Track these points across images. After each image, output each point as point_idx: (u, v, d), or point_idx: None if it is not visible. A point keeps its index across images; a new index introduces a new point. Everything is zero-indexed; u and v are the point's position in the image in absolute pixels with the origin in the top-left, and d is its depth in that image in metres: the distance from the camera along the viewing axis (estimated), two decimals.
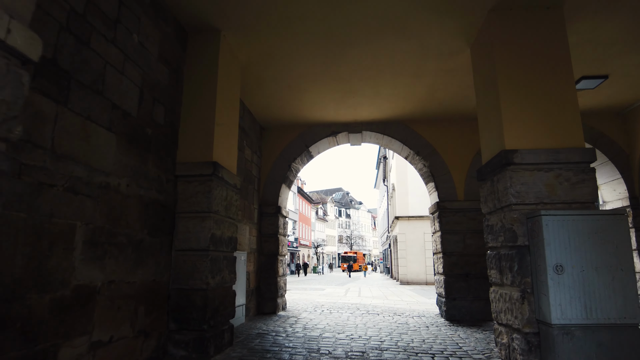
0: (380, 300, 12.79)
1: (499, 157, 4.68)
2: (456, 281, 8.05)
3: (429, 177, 8.85)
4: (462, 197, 8.51)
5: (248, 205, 8.09)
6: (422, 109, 8.34)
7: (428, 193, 9.47)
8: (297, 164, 9.36)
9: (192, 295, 4.72)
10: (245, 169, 7.98)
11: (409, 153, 9.13)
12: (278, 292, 8.55)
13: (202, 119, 5.20)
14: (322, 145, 9.51)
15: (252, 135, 8.57)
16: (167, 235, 4.84)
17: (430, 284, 22.50)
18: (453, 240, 8.22)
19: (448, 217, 8.34)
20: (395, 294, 15.45)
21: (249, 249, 8.01)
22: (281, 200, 9.15)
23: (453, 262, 8.13)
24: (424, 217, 23.52)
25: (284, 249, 9.08)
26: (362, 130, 9.04)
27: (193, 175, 5.00)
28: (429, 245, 23.18)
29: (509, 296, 4.58)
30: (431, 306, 10.88)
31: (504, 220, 4.66)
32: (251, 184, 8.36)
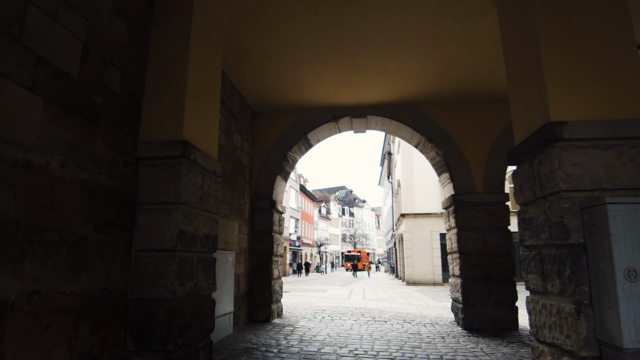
0: (387, 303, 11.80)
1: (542, 132, 3.67)
2: (475, 285, 7.04)
3: (443, 166, 7.84)
4: (480, 189, 7.50)
5: (237, 198, 7.12)
6: (436, 88, 7.33)
7: (441, 185, 8.46)
8: (294, 153, 8.38)
9: (155, 307, 3.76)
10: (234, 158, 7.01)
11: (420, 140, 8.12)
12: (272, 297, 7.58)
13: (171, 88, 4.23)
14: (322, 133, 8.52)
15: (243, 120, 7.59)
16: (125, 231, 3.88)
17: (439, 284, 21.48)
18: (471, 238, 7.21)
19: (465, 212, 7.33)
20: (403, 296, 14.45)
21: (239, 249, 7.04)
22: (276, 194, 8.18)
23: (471, 263, 7.13)
24: (431, 215, 22.50)
25: (279, 249, 8.11)
26: (367, 115, 8.04)
27: (158, 158, 4.03)
28: (436, 244, 22.16)
29: (556, 308, 3.58)
30: (443, 311, 9.88)
31: (550, 211, 3.65)
32: (241, 175, 7.39)
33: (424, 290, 18.07)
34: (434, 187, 22.88)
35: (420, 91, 7.44)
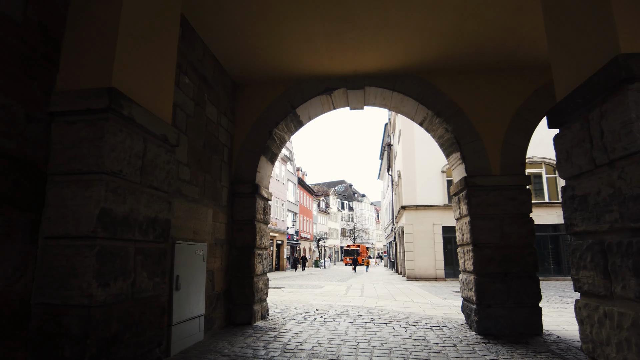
0: (387, 301, 10.77)
1: (608, 72, 2.59)
2: (491, 282, 5.99)
3: (453, 145, 6.76)
4: (497, 171, 6.42)
5: (212, 181, 6.05)
6: (445, 52, 6.24)
7: (450, 167, 7.37)
8: (282, 131, 7.29)
9: (65, 316, 2.69)
10: (207, 133, 5.93)
11: (426, 115, 7.03)
12: (255, 297, 6.52)
13: (99, 21, 3.14)
14: (314, 108, 7.42)
15: (220, 91, 6.49)
16: (28, 212, 2.81)
17: (441, 279, 20.49)
18: (487, 228, 6.15)
19: (479, 197, 6.26)
20: (404, 293, 13.43)
21: (213, 240, 5.98)
22: (260, 177, 7.10)
23: (487, 256, 6.07)
24: (433, 207, 21.46)
25: (264, 240, 7.05)
26: (365, 86, 6.94)
27: (77, 112, 2.95)
28: (438, 238, 21.14)
29: (631, 320, 2.53)
30: (450, 310, 8.85)
31: (621, 181, 2.58)
32: (217, 154, 6.31)
33: (426, 286, 17.07)
34: (436, 178, 21.83)
35: (427, 56, 6.34)
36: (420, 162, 22.13)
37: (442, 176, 21.83)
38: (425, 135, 23.06)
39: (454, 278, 20.71)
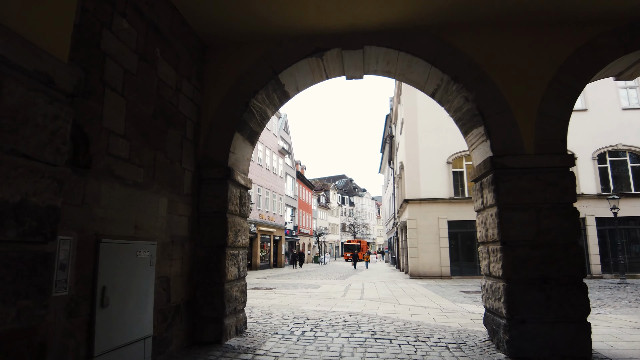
0: (390, 305, 9.46)
1: None
2: (526, 290, 4.67)
3: (474, 118, 5.40)
4: (531, 149, 5.07)
5: (167, 162, 4.71)
6: (465, 1, 4.88)
7: (468, 147, 6.01)
8: (262, 103, 5.94)
9: None
10: (159, 98, 4.58)
11: (440, 82, 5.67)
12: (226, 308, 5.20)
13: None
14: (302, 75, 6.06)
15: (180, 47, 5.13)
16: None
17: (447, 278, 19.20)
18: (519, 221, 4.82)
19: (510, 183, 4.92)
20: (408, 294, 12.13)
21: (168, 237, 4.64)
22: (235, 160, 5.75)
23: (520, 257, 4.74)
24: (438, 200, 20.13)
25: (240, 238, 5.72)
26: (364, 45, 5.56)
27: None
28: (444, 233, 19.83)
29: None
30: (464, 319, 7.54)
31: None
32: (175, 128, 4.96)
33: (431, 285, 15.78)
34: (441, 169, 20.48)
35: (442, 5, 4.97)
36: (424, 153, 20.78)
37: (448, 168, 20.49)
38: (430, 124, 21.71)
39: (460, 276, 19.43)
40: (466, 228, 20.35)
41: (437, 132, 20.87)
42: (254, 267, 31.37)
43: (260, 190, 33.49)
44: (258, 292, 12.25)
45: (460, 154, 20.57)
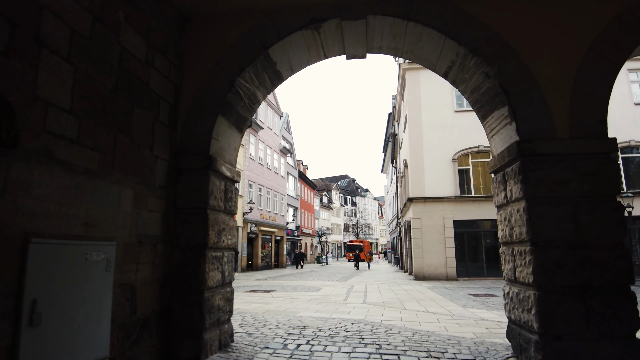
0: (396, 311, 8.68)
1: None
2: (562, 300, 3.90)
3: (497, 97, 4.62)
4: (565, 133, 4.29)
5: (134, 147, 3.96)
6: None
7: (487, 133, 5.23)
8: (250, 83, 5.18)
9: None
10: (121, 69, 3.82)
11: (455, 57, 4.90)
12: (207, 319, 4.45)
13: None
14: (296, 51, 5.30)
15: (153, 15, 4.38)
16: None
17: (452, 279, 18.40)
18: (553, 218, 4.05)
19: (541, 172, 4.15)
20: (415, 298, 11.35)
21: (134, 237, 3.89)
22: (219, 148, 5.00)
23: (554, 260, 3.97)
24: (443, 199, 19.33)
25: (224, 237, 4.96)
26: (368, 15, 4.80)
27: None
28: (449, 233, 19.02)
29: None
30: (479, 327, 6.76)
31: None
32: (145, 108, 4.20)
33: (437, 287, 14.98)
34: (446, 167, 19.68)
35: None
36: (429, 150, 19.98)
37: (453, 165, 19.68)
38: (434, 121, 20.89)
39: (466, 278, 18.64)
40: (472, 228, 19.56)
41: (442, 129, 20.08)
42: (254, 268, 30.65)
43: (262, 189, 32.78)
44: (254, 296, 11.50)
45: (466, 150, 19.77)
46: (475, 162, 19.97)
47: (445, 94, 20.45)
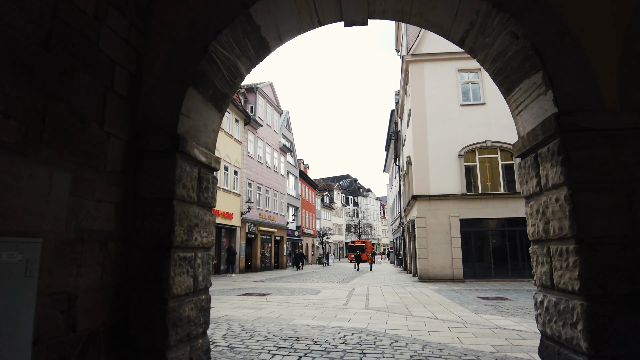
0: (401, 318, 7.85)
1: None
2: (617, 312, 3.06)
3: (527, 62, 3.78)
4: (615, 103, 3.45)
5: (74, 120, 3.13)
6: None
7: (512, 110, 4.37)
8: (229, 50, 4.35)
9: None
10: (59, 22, 3.01)
11: (476, 15, 4.05)
12: (171, 335, 3.62)
13: None
14: (285, 15, 4.47)
15: None
16: None
17: (459, 281, 17.54)
18: (603, 208, 3.21)
19: (588, 150, 3.31)
20: (420, 302, 10.51)
21: (71, 232, 3.06)
22: (190, 126, 4.17)
23: (606, 262, 3.13)
24: (449, 197, 18.48)
25: (197, 235, 4.13)
26: None
27: None
28: (456, 232, 18.17)
29: None
30: (496, 338, 5.92)
31: None
32: (93, 74, 3.38)
33: (444, 289, 14.13)
34: (452, 163, 18.82)
35: None
36: (434, 146, 19.14)
37: (459, 162, 18.82)
38: (439, 115, 19.96)
39: (473, 279, 17.78)
40: (479, 227, 18.70)
41: (448, 123, 19.23)
42: (253, 269, 29.85)
43: (261, 188, 31.99)
44: (247, 300, 10.67)
45: (473, 146, 18.92)
46: (482, 159, 19.11)
47: (451, 87, 19.62)
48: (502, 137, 18.79)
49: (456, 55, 19.71)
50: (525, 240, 18.15)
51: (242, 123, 28.83)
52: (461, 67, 19.85)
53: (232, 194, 26.43)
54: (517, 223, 18.36)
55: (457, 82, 19.75)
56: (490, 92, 19.38)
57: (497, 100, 19.21)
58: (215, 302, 10.15)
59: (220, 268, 24.92)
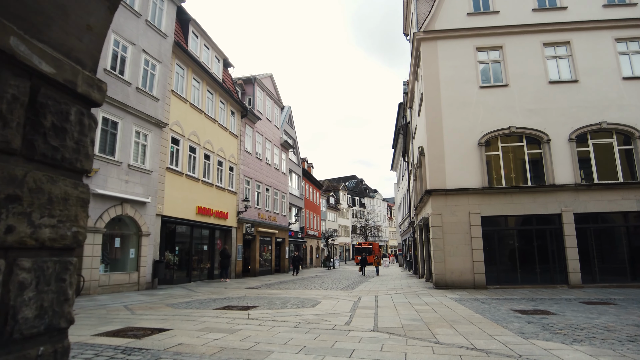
0: (426, 348, 5.60)
1: None
2: None
3: None
4: None
5: None
6: None
7: None
8: None
9: None
10: None
11: None
12: None
13: None
14: None
15: None
16: None
17: (481, 287, 15.21)
18: None
19: None
20: (444, 317, 8.26)
21: None
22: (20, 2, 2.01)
23: None
24: (469, 192, 16.16)
25: (38, 221, 1.98)
26: None
27: None
28: (477, 232, 15.84)
29: None
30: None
31: None
32: None
33: (467, 299, 11.83)
34: (471, 153, 16.51)
35: None
36: (450, 134, 16.85)
37: (479, 151, 16.50)
38: (456, 98, 17.29)
39: (497, 285, 15.43)
40: (503, 226, 16.37)
41: (465, 108, 16.95)
42: (252, 273, 27.70)
43: (260, 187, 29.85)
44: (223, 317, 8.47)
45: (494, 133, 16.59)
46: (506, 147, 16.79)
47: (468, 67, 17.33)
48: (527, 123, 16.48)
49: (474, 32, 17.47)
50: (557, 241, 15.79)
51: (239, 115, 26.74)
52: (480, 44, 17.56)
53: (227, 191, 24.31)
54: (547, 221, 16.03)
55: (475, 61, 17.46)
56: (513, 72, 17.08)
57: (522, 80, 16.92)
58: (181, 319, 7.98)
59: (213, 273, 22.79)
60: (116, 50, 15.43)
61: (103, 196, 14.10)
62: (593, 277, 15.55)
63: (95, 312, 9.03)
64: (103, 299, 11.94)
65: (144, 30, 16.98)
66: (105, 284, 14.20)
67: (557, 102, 16.61)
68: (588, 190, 15.77)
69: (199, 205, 20.67)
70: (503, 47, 17.45)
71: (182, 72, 20.15)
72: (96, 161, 13.96)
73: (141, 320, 7.89)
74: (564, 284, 15.38)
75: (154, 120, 17.04)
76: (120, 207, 14.95)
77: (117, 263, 15.40)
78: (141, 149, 16.53)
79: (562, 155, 16.15)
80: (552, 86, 16.82)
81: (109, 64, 14.92)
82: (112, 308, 9.85)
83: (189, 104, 20.52)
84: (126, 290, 15.06)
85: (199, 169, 20.99)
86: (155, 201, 17.04)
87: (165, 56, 18.30)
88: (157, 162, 17.34)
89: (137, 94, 16.27)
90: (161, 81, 17.91)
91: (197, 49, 22.23)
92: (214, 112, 23.22)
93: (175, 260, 19.30)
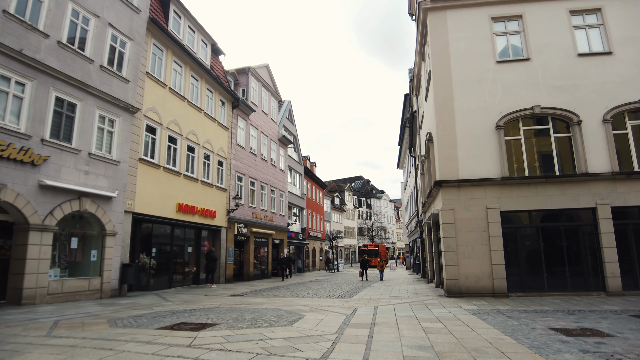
0: None
1: None
2: None
3: None
4: None
5: None
6: None
7: None
8: None
9: None
10: None
11: None
12: None
13: None
14: None
15: None
16: None
17: (501, 295, 12.77)
18: None
19: None
20: (462, 343, 5.92)
21: None
22: None
23: None
24: (485, 182, 13.75)
25: None
26: None
27: None
28: (496, 229, 13.41)
29: None
30: None
31: None
32: None
33: (488, 311, 9.44)
34: (488, 138, 14.11)
35: None
36: (462, 116, 14.47)
37: (498, 135, 14.09)
38: (469, 75, 14.45)
39: (521, 293, 12.97)
40: (526, 223, 13.90)
41: (480, 85, 14.57)
42: (245, 277, 25.45)
43: (255, 184, 27.63)
44: (157, 343, 6.18)
45: (515, 114, 14.16)
46: (528, 131, 14.36)
47: (483, 39, 14.96)
48: (554, 102, 14.04)
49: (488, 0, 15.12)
50: (591, 240, 13.32)
51: (229, 106, 24.59)
52: (495, 13, 15.18)
53: (216, 188, 22.13)
54: (579, 216, 13.57)
55: (490, 33, 15.08)
56: (536, 44, 14.66)
57: (547, 53, 14.51)
58: (90, 349, 5.70)
59: (199, 277, 20.59)
60: (75, 21, 13.33)
61: (54, 188, 11.97)
62: (635, 282, 13.03)
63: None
64: (42, 311, 9.77)
65: (111, 2, 14.89)
66: (57, 291, 12.05)
67: (588, 78, 14.16)
68: (627, 179, 13.27)
69: (180, 202, 18.50)
70: (523, 17, 15.05)
71: (160, 54, 18.04)
72: (46, 148, 11.85)
73: (25, 353, 5.67)
74: (601, 290, 12.88)
75: (122, 104, 14.91)
76: (78, 201, 12.81)
77: (76, 267, 13.24)
78: (107, 136, 14.40)
79: (596, 138, 13.68)
80: (581, 59, 14.36)
81: (65, 36, 12.82)
82: (30, 326, 7.65)
83: (169, 89, 18.39)
84: (84, 299, 12.89)
85: (180, 161, 18.83)
86: (124, 196, 14.89)
87: (138, 33, 16.20)
88: (127, 152, 15.21)
89: (101, 73, 14.16)
90: (132, 61, 15.79)
91: (180, 31, 20.13)
92: (199, 100, 21.07)
93: (153, 264, 17.12)
